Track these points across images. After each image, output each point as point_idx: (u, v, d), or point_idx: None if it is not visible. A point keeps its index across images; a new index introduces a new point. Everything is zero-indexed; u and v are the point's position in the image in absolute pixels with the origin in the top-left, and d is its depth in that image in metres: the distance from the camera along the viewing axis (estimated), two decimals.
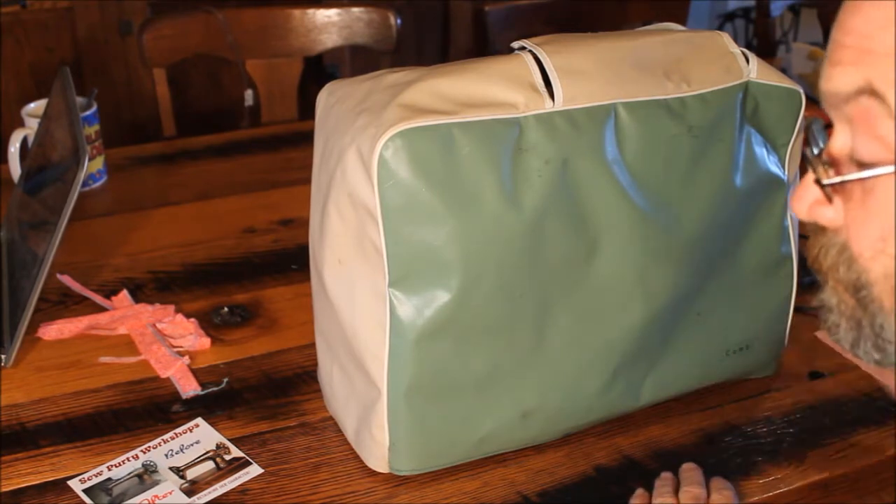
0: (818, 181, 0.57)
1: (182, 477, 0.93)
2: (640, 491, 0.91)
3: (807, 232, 0.61)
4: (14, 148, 1.38)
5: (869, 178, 0.55)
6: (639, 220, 0.90)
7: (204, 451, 0.96)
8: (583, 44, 0.90)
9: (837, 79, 0.55)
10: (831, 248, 0.58)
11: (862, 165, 0.55)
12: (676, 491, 0.91)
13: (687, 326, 0.98)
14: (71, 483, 0.92)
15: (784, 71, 1.63)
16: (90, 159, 1.42)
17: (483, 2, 1.96)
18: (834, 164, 0.57)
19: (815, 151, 0.58)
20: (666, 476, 0.92)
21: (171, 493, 0.91)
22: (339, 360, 0.94)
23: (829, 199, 0.57)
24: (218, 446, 0.97)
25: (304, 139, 1.27)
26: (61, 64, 1.53)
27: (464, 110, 0.84)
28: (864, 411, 1.03)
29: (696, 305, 0.97)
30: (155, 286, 1.23)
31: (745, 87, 0.95)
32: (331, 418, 1.00)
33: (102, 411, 1.02)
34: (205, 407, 1.02)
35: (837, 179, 0.56)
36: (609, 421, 0.99)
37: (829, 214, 0.58)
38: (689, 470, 0.93)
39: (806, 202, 0.59)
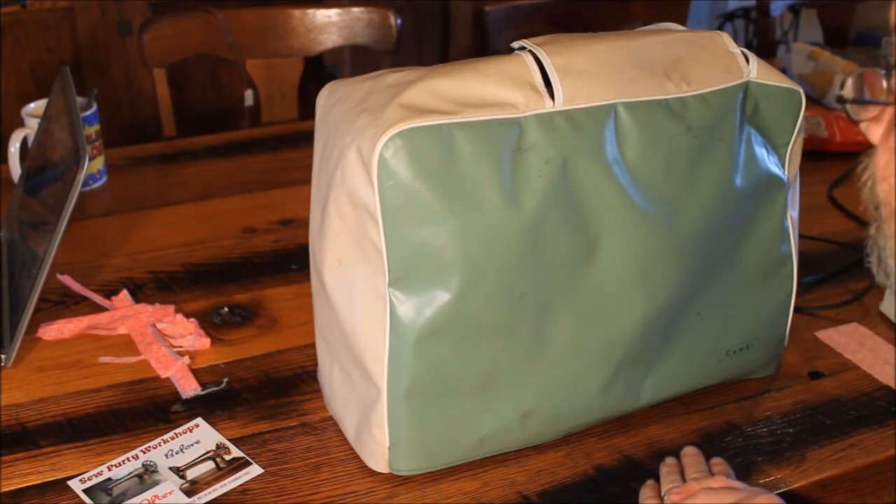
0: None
1: (182, 477, 0.93)
2: (650, 482, 0.92)
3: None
4: (14, 148, 1.38)
5: (887, 107, 0.61)
6: (639, 220, 0.90)
7: (204, 451, 0.96)
8: (583, 44, 0.90)
9: None
10: (869, 166, 0.64)
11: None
12: (682, 474, 0.92)
13: (687, 326, 0.98)
14: (71, 483, 0.92)
15: (784, 71, 1.63)
16: (90, 159, 1.42)
17: (483, 2, 1.96)
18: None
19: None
20: (671, 462, 0.93)
21: (171, 493, 0.91)
22: (339, 360, 0.94)
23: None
24: (218, 446, 0.97)
25: (304, 139, 1.27)
26: (61, 64, 1.53)
27: (464, 110, 0.84)
28: (864, 411, 1.03)
29: (696, 305, 0.98)
30: (155, 286, 1.23)
31: (745, 87, 0.95)
32: (331, 418, 1.00)
33: (102, 411, 1.02)
34: (205, 407, 1.02)
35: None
36: (609, 421, 0.99)
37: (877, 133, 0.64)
38: (692, 455, 0.94)
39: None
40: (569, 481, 0.94)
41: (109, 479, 0.93)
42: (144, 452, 0.96)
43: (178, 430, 0.99)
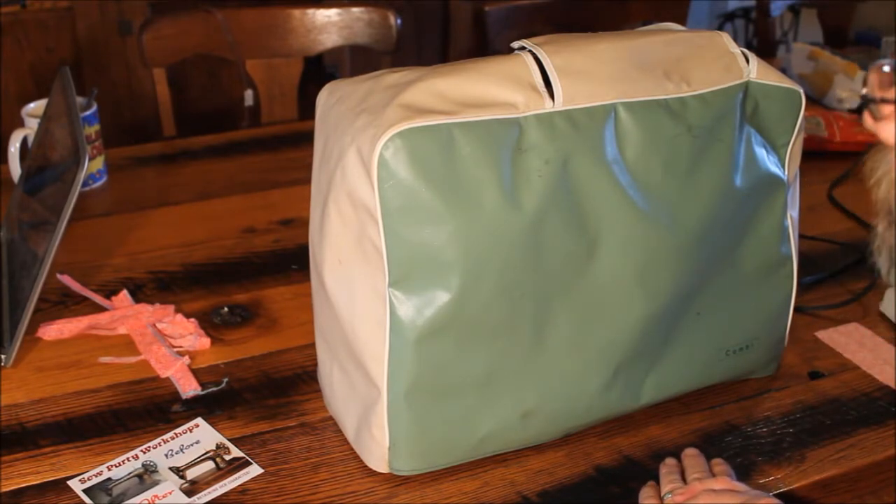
0: (864, 95, 0.64)
1: (182, 477, 0.93)
2: (650, 483, 0.92)
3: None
4: (14, 148, 1.38)
5: None
6: (639, 220, 0.90)
7: (204, 451, 0.96)
8: (583, 44, 0.90)
9: None
10: (881, 165, 0.64)
11: None
12: (682, 475, 0.91)
13: (687, 326, 0.98)
14: (71, 483, 0.92)
15: (784, 71, 1.63)
16: (90, 159, 1.42)
17: (483, 2, 1.96)
18: None
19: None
20: (671, 462, 0.93)
21: (171, 493, 0.91)
22: (339, 360, 0.94)
23: (871, 114, 0.64)
24: (218, 446, 0.97)
25: (304, 139, 1.27)
26: (61, 64, 1.53)
27: (464, 110, 0.84)
28: (864, 411, 1.03)
29: (696, 305, 0.98)
30: (155, 286, 1.23)
31: (745, 87, 0.95)
32: (331, 418, 1.00)
33: (102, 411, 1.02)
34: (205, 407, 1.02)
35: (875, 97, 0.63)
36: (609, 421, 0.99)
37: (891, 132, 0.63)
38: (693, 456, 0.94)
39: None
40: (569, 481, 0.94)
41: (109, 479, 0.93)
42: (144, 452, 0.96)
43: (178, 430, 0.99)
